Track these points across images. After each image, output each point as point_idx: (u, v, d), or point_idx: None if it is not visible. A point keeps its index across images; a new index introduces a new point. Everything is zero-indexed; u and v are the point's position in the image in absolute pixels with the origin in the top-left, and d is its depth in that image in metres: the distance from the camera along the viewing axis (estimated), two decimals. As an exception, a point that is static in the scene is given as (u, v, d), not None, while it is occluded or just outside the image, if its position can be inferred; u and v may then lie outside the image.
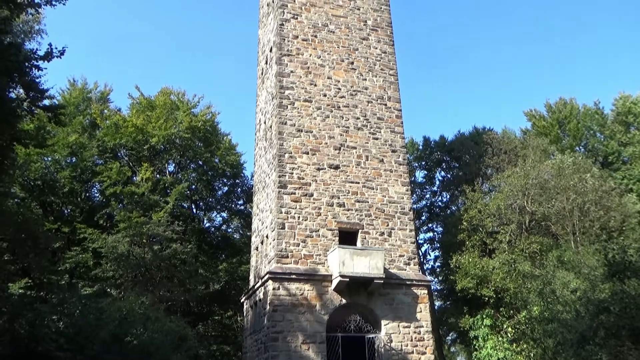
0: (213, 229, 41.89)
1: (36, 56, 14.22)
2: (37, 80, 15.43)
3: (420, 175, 43.42)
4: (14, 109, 14.27)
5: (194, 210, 40.78)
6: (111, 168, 33.02)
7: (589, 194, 27.68)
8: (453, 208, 40.09)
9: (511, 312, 25.40)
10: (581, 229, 28.15)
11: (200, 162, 39.04)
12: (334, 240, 22.46)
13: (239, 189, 41.81)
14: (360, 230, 23.17)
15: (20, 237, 19.29)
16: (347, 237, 22.88)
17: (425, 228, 43.50)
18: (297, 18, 26.30)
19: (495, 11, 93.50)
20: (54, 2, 14.24)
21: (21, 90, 16.17)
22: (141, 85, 61.32)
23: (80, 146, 33.60)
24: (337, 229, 22.83)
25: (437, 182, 43.26)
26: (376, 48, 27.11)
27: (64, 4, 14.64)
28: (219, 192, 41.87)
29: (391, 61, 27.14)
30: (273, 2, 27.69)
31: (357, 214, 23.50)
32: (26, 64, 13.90)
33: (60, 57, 14.21)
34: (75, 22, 77.50)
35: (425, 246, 43.53)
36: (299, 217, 22.59)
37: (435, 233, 43.30)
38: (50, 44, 14.02)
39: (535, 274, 25.30)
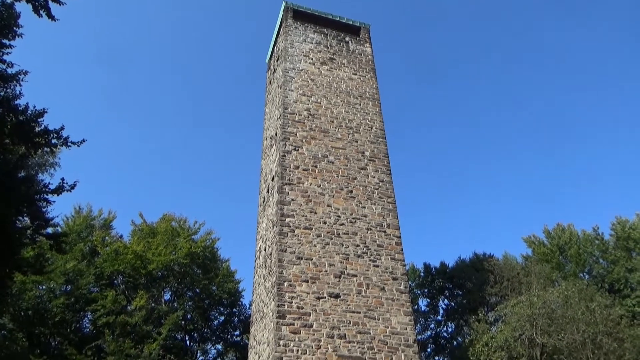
0: (206, 363, 39.59)
1: (47, 190, 14.74)
2: (44, 209, 15.78)
3: (423, 303, 42.28)
4: (19, 239, 14.41)
5: (188, 342, 38.84)
6: (106, 296, 32.20)
7: (600, 324, 26.60)
8: (459, 339, 38.29)
9: None
10: (596, 363, 26.49)
11: (198, 290, 38.17)
12: (334, 377, 21.08)
13: (236, 319, 40.32)
14: (362, 365, 21.88)
15: (2, 374, 18.17)
16: (349, 372, 21.52)
17: (431, 361, 41.11)
18: (298, 150, 27.78)
19: (490, 141, 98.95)
20: (69, 144, 15.00)
21: (26, 219, 16.42)
22: (144, 210, 62.69)
23: (77, 273, 33.15)
24: (338, 363, 21.59)
25: (441, 311, 41.97)
26: (374, 177, 28.19)
27: (78, 146, 15.35)
28: (215, 322, 40.31)
29: (389, 189, 28.02)
30: (276, 135, 29.48)
31: (359, 347, 22.35)
32: (37, 196, 14.35)
33: (71, 191, 14.72)
34: (87, 152, 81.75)
35: (433, 382, 40.76)
36: (297, 351, 21.45)
37: (442, 367, 40.80)
38: (62, 179, 14.64)
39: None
